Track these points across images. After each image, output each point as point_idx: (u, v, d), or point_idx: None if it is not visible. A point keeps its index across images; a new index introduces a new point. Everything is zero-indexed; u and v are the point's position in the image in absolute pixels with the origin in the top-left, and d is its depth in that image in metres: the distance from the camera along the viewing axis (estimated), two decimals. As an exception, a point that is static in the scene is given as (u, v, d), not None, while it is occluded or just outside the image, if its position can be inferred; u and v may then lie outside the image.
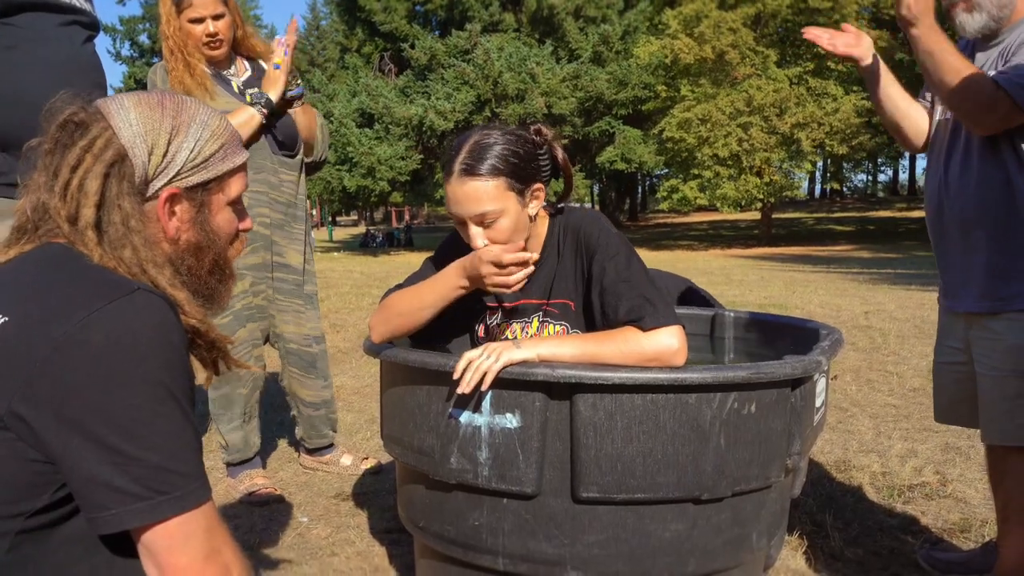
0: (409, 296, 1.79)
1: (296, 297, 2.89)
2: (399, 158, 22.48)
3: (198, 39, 2.65)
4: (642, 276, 1.66)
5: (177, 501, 0.93)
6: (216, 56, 2.72)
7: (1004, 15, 1.83)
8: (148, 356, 0.93)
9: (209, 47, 2.68)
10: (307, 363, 2.93)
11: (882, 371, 4.82)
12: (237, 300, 2.74)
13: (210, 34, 2.66)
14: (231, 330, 2.73)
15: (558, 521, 1.56)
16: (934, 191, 1.97)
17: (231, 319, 2.73)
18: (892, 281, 10.05)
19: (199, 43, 2.66)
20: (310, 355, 2.93)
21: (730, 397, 1.53)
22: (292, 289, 2.89)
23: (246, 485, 2.78)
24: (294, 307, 2.89)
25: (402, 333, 1.81)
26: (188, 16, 2.64)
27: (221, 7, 2.67)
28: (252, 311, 2.79)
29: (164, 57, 2.68)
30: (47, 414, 0.90)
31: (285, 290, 2.88)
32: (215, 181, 1.13)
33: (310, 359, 2.93)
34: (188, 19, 2.64)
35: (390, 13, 28.17)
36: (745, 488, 1.59)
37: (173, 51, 2.64)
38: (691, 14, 23.33)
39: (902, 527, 2.48)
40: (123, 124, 1.05)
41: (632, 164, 24.88)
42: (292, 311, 2.88)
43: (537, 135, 1.75)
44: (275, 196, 2.83)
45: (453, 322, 1.88)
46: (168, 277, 1.06)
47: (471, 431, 1.56)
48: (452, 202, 1.68)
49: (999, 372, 1.85)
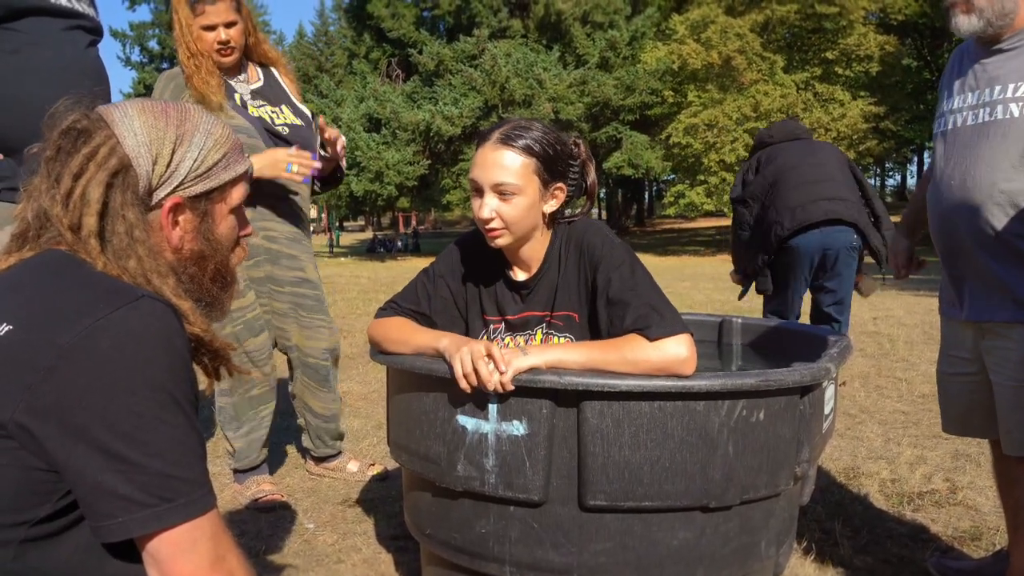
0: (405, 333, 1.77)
1: (319, 312, 2.89)
2: (406, 163, 22.49)
3: (209, 47, 2.65)
4: (647, 285, 1.65)
5: (182, 508, 0.93)
6: (227, 63, 2.71)
7: (1004, 24, 1.81)
8: (152, 363, 0.93)
9: (220, 54, 2.67)
10: (323, 377, 2.93)
11: (891, 377, 4.80)
12: (248, 311, 2.73)
13: (222, 41, 2.65)
14: (243, 340, 2.71)
15: (565, 529, 1.55)
16: (942, 199, 1.94)
17: (242, 328, 2.72)
18: (900, 287, 10.00)
19: (210, 51, 2.66)
20: (326, 369, 2.93)
21: (738, 404, 1.52)
22: (314, 305, 2.87)
23: (252, 491, 2.77)
24: (317, 322, 2.88)
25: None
26: (200, 23, 2.63)
27: (234, 15, 2.66)
28: (262, 321, 2.78)
29: (181, 62, 2.66)
30: (51, 422, 0.90)
31: (307, 306, 2.86)
32: (218, 190, 1.12)
33: (326, 372, 2.93)
34: (200, 26, 2.63)
35: (398, 19, 28.23)
36: (753, 496, 1.58)
37: (194, 55, 2.63)
38: (698, 19, 23.31)
39: (912, 535, 2.46)
40: (127, 132, 1.05)
41: (639, 170, 24.83)
42: (315, 327, 2.87)
43: (575, 146, 1.81)
44: (282, 209, 2.80)
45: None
46: (172, 287, 1.06)
47: (478, 438, 1.56)
48: (479, 166, 1.70)
49: (1016, 382, 1.83)
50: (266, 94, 2.82)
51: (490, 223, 1.70)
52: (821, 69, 24.24)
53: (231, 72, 2.77)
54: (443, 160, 24.11)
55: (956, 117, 1.94)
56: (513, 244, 1.76)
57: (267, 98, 2.82)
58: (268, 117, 2.77)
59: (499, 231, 1.71)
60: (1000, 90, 1.82)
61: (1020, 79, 1.80)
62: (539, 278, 1.81)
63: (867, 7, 23.63)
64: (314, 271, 2.91)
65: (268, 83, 2.86)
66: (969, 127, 1.89)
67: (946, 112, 1.98)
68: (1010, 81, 1.81)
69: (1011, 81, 1.81)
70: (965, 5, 1.83)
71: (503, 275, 1.86)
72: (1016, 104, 1.79)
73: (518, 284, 1.84)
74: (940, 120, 2.01)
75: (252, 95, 2.80)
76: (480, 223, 1.72)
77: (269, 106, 2.81)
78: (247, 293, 2.73)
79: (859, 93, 23.83)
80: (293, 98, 2.90)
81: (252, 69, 2.85)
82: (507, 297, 1.85)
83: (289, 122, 2.81)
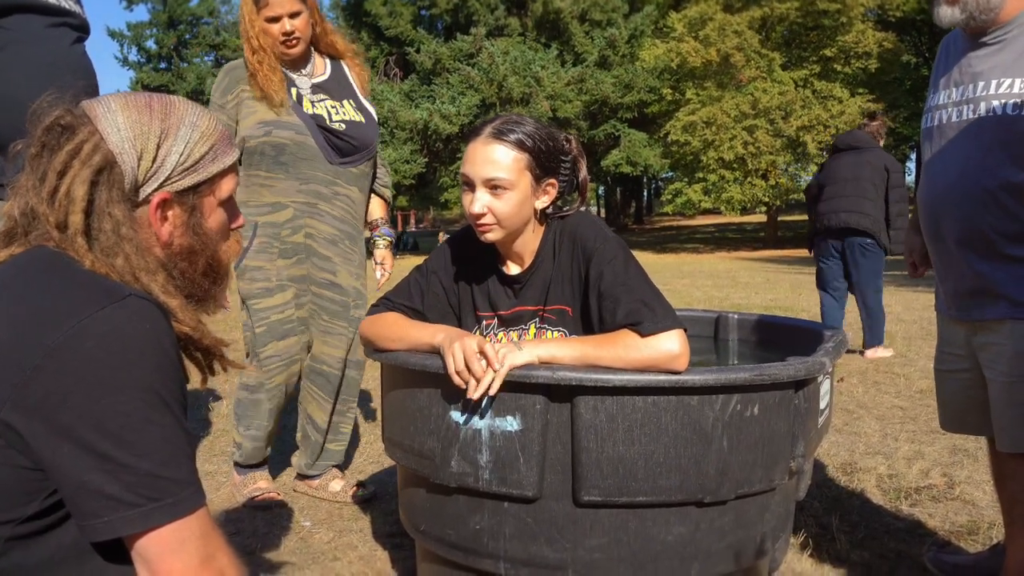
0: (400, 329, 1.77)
1: (340, 319, 2.73)
2: (404, 162, 22.49)
3: (275, 38, 2.59)
4: (640, 280, 1.64)
5: (170, 508, 0.92)
6: (293, 54, 2.65)
7: (988, 18, 1.80)
8: (139, 362, 0.92)
9: (286, 45, 2.61)
10: (332, 386, 2.78)
11: (888, 373, 4.80)
12: (273, 312, 2.65)
13: (286, 32, 2.59)
14: (263, 343, 2.64)
15: (559, 525, 1.55)
16: (933, 198, 1.92)
17: (265, 330, 2.64)
18: (898, 283, 10.00)
19: (275, 43, 2.60)
20: (337, 378, 2.78)
21: (733, 399, 1.51)
22: (338, 311, 2.73)
23: (250, 489, 2.75)
24: (337, 329, 2.74)
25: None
26: (265, 15, 2.58)
27: (299, 5, 2.60)
28: (293, 324, 2.67)
29: (246, 58, 2.62)
30: (38, 421, 0.89)
31: (331, 310, 2.72)
32: (206, 183, 1.11)
33: (336, 382, 2.78)
34: (265, 18, 2.58)
35: (395, 17, 28.22)
36: (749, 491, 1.58)
37: (256, 51, 2.58)
38: (696, 17, 23.30)
39: (909, 530, 2.46)
40: (111, 128, 1.03)
41: (637, 167, 24.84)
42: (334, 333, 2.73)
43: (567, 142, 1.80)
44: (325, 208, 2.69)
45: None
46: (161, 284, 1.05)
47: (472, 434, 1.55)
48: (470, 161, 1.69)
49: (1008, 378, 1.83)
50: (329, 88, 2.74)
51: (481, 218, 1.69)
52: (820, 66, 24.22)
53: (296, 64, 2.71)
54: (441, 158, 24.10)
55: (941, 113, 1.92)
56: (504, 239, 1.75)
57: (329, 92, 2.74)
58: (326, 112, 2.68)
59: (490, 226, 1.70)
60: (983, 86, 1.81)
61: (1003, 75, 1.78)
62: (532, 272, 1.81)
63: (866, 3, 23.62)
64: (348, 278, 2.75)
65: (334, 76, 2.78)
66: (953, 124, 1.88)
67: (932, 108, 1.97)
68: (992, 77, 1.80)
69: (994, 77, 1.80)
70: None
71: (496, 270, 1.86)
72: (998, 101, 1.78)
73: (511, 279, 1.83)
74: (927, 116, 1.99)
75: (313, 89, 2.72)
76: (471, 218, 1.72)
77: (330, 100, 2.72)
78: (279, 293, 2.65)
79: (857, 90, 23.81)
80: (359, 93, 2.82)
81: (319, 61, 2.78)
82: (499, 292, 1.85)
83: (348, 118, 2.72)
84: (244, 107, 2.63)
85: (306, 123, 2.65)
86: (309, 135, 2.64)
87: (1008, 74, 1.78)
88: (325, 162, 2.67)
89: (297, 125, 2.63)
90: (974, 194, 1.80)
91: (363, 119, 2.77)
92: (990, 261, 1.81)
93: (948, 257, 1.91)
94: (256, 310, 2.65)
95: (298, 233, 2.67)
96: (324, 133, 2.66)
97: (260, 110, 2.61)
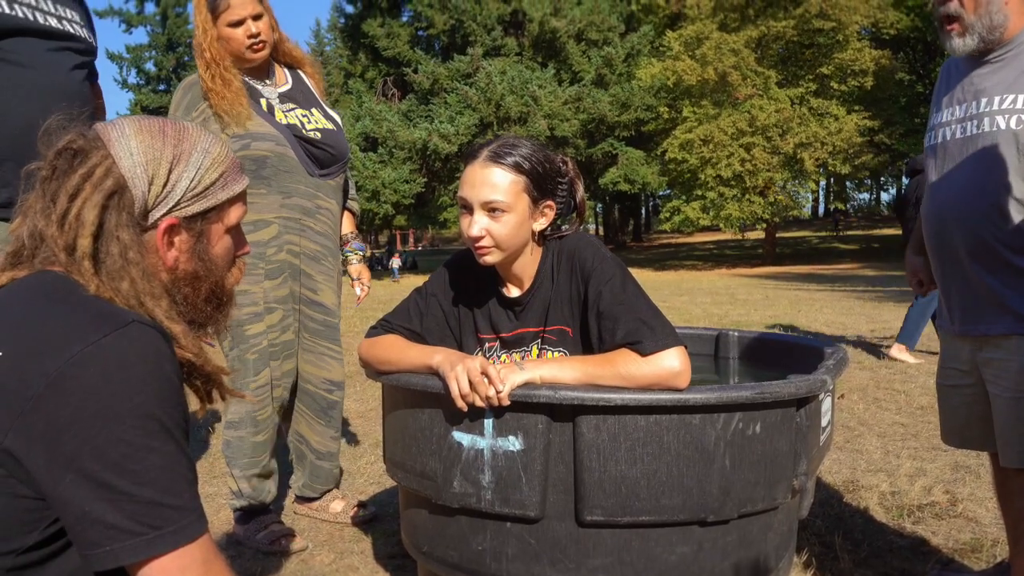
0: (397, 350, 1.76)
1: (324, 339, 2.65)
2: (403, 181, 22.58)
3: (240, 44, 2.45)
4: (638, 298, 1.65)
5: (172, 536, 0.92)
6: (258, 59, 2.52)
7: (994, 37, 1.83)
8: (141, 389, 0.92)
9: (253, 50, 2.47)
10: (322, 408, 2.68)
11: (889, 389, 4.79)
12: (263, 336, 2.52)
13: (252, 35, 2.45)
14: (256, 369, 2.51)
15: (562, 545, 1.54)
16: (939, 213, 1.94)
17: (257, 357, 2.52)
18: (898, 299, 10.01)
19: (241, 49, 2.46)
20: (327, 400, 2.68)
21: (735, 417, 1.51)
22: (321, 330, 2.64)
23: (263, 533, 2.54)
24: (320, 348, 2.64)
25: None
26: (226, 20, 2.43)
27: (259, 7, 2.47)
28: (277, 347, 2.55)
29: (199, 72, 2.46)
30: (39, 450, 0.89)
31: (313, 329, 2.63)
32: (215, 210, 1.11)
33: (326, 404, 2.69)
34: (227, 23, 2.43)
35: (393, 39, 28.42)
36: (751, 510, 1.57)
37: (209, 64, 2.42)
38: (692, 36, 23.46)
39: (912, 548, 2.45)
40: (123, 153, 1.04)
41: (635, 185, 24.95)
42: (317, 352, 2.64)
43: (564, 164, 1.81)
44: (309, 223, 2.58)
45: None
46: (165, 309, 1.05)
47: (474, 454, 1.55)
48: (468, 184, 1.70)
49: (1014, 393, 1.83)
50: (295, 97, 2.64)
51: (480, 241, 1.69)
52: (816, 84, 24.39)
53: (258, 74, 2.59)
54: (440, 178, 24.22)
55: (945, 131, 1.95)
56: (503, 261, 1.76)
57: (297, 101, 2.63)
58: (299, 122, 2.57)
59: (489, 249, 1.71)
60: (986, 103, 1.83)
61: (1006, 91, 1.81)
62: (532, 294, 1.81)
63: (860, 21, 23.81)
64: (331, 295, 2.66)
65: (296, 85, 2.68)
66: (958, 140, 1.90)
67: (935, 125, 1.99)
68: (995, 94, 1.82)
69: (996, 94, 1.82)
70: (960, 26, 1.85)
71: (496, 293, 1.86)
72: (1002, 117, 1.80)
73: (511, 301, 1.84)
74: (930, 134, 2.02)
75: (281, 99, 2.60)
76: (470, 241, 1.72)
77: (300, 109, 2.61)
78: (267, 316, 2.53)
79: (854, 107, 23.96)
80: (321, 101, 2.73)
81: (280, 71, 2.67)
82: (501, 314, 1.85)
83: (321, 127, 2.62)
84: (212, 123, 2.46)
85: (283, 133, 2.53)
86: (288, 145, 2.52)
87: (1012, 90, 1.80)
88: (306, 175, 2.56)
89: (275, 136, 2.51)
90: (980, 208, 1.82)
91: (334, 127, 2.68)
92: (998, 275, 1.82)
93: (955, 270, 1.92)
94: (247, 336, 2.51)
95: (282, 251, 2.54)
96: (302, 144, 2.56)
97: (231, 123, 2.46)
